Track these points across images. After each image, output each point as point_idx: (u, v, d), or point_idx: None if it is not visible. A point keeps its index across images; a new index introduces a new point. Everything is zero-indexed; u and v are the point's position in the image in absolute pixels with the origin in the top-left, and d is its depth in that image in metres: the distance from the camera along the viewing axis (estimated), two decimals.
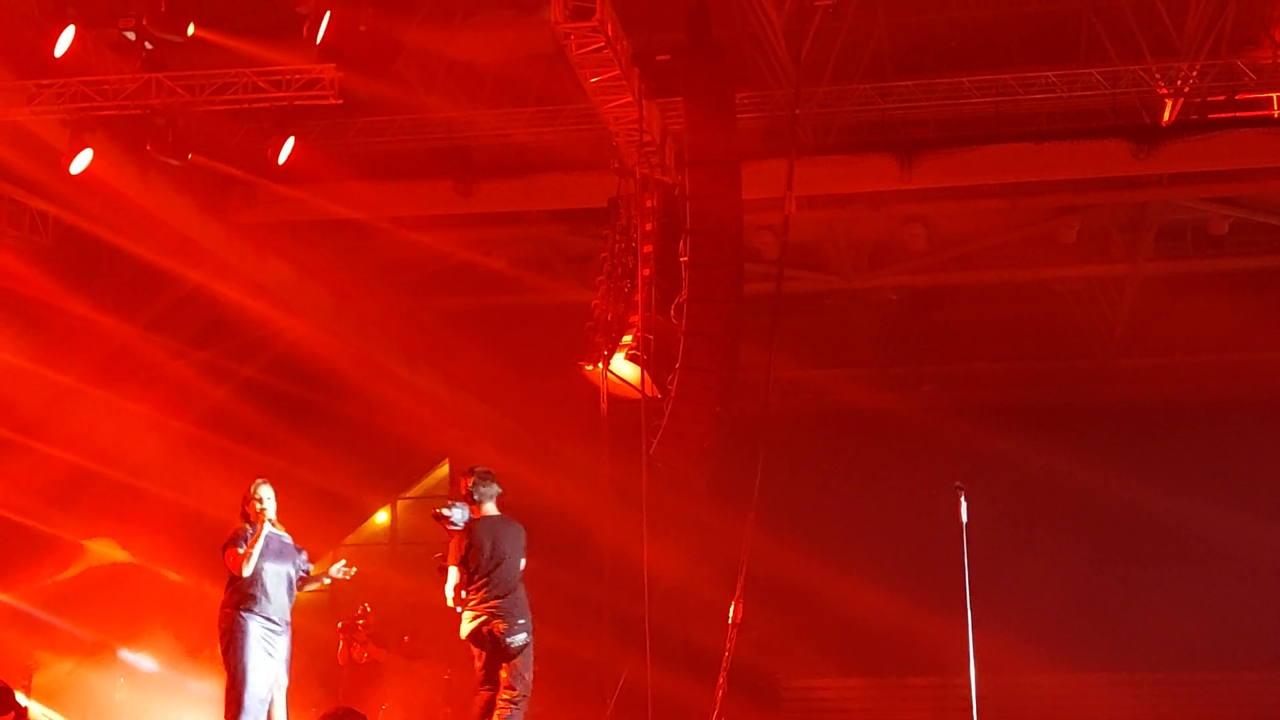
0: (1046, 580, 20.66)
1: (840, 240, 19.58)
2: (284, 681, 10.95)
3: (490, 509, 10.82)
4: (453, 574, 10.54)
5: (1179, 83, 15.84)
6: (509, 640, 10.50)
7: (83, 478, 18.04)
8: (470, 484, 10.82)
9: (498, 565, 10.58)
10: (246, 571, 10.70)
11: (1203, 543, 20.58)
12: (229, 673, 10.80)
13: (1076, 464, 20.45)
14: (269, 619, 10.76)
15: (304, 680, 13.26)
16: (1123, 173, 16.84)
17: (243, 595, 10.74)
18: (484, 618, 10.52)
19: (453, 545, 10.66)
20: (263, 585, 10.76)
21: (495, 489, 10.89)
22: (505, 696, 10.51)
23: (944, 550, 12.40)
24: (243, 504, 10.93)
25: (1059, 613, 20.51)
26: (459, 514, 10.91)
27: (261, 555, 10.70)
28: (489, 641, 10.53)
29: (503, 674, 10.56)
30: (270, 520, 10.79)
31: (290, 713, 11.32)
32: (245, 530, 10.85)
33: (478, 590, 10.54)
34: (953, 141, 16.82)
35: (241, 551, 10.72)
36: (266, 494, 10.92)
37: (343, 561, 11.26)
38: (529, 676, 10.62)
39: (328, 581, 11.29)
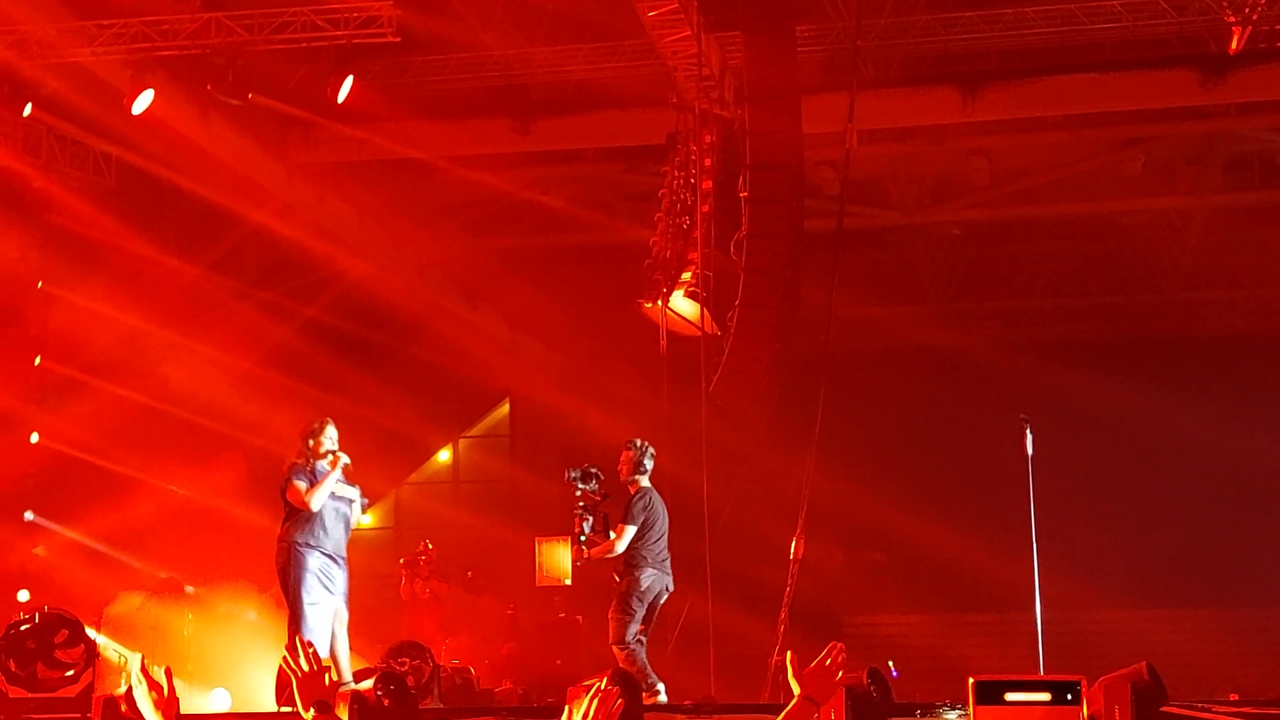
0: (1111, 515, 20.57)
1: (902, 175, 19.43)
2: (344, 615, 11.08)
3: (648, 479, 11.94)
4: (630, 531, 11.68)
5: (1247, 10, 15.53)
6: (669, 593, 12.00)
7: (151, 417, 18.23)
8: (639, 456, 11.87)
9: (665, 529, 11.90)
10: (315, 506, 10.82)
11: (1271, 476, 20.37)
12: (290, 606, 10.94)
13: (1142, 399, 20.26)
14: (327, 553, 10.89)
15: (367, 615, 13.40)
16: (1189, 103, 16.60)
17: (301, 530, 10.86)
18: (659, 573, 11.78)
19: (634, 505, 11.75)
20: (321, 520, 10.89)
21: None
22: (643, 637, 11.77)
23: (1007, 485, 12.36)
24: (302, 439, 11.03)
25: (1124, 548, 20.41)
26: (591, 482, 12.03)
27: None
28: (663, 594, 11.90)
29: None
30: (343, 458, 10.91)
31: (354, 646, 11.47)
32: (303, 465, 10.95)
33: (653, 548, 11.78)
34: (1016, 73, 16.62)
35: (305, 487, 10.82)
36: (332, 433, 11.04)
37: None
38: None
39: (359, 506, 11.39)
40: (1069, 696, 7.26)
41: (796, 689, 4.68)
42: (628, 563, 11.74)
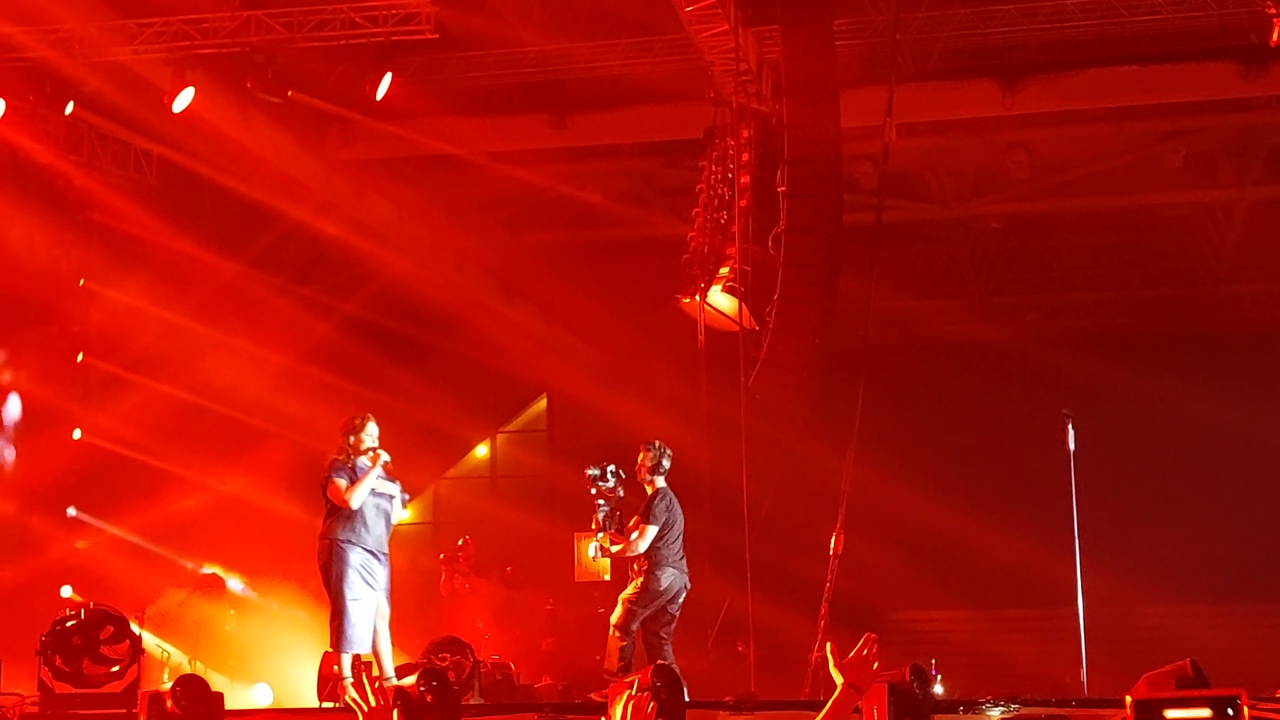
0: (1154, 510, 20.43)
1: (941, 168, 19.36)
2: (386, 611, 11.12)
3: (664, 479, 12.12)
4: (651, 531, 11.84)
5: None
6: (687, 590, 12.22)
7: (192, 413, 18.33)
8: (657, 457, 12.04)
9: (682, 529, 12.13)
10: (355, 504, 10.86)
11: None
12: (332, 603, 10.98)
13: (1183, 392, 20.13)
14: (368, 550, 10.93)
15: (407, 611, 13.46)
16: (1230, 95, 16.48)
17: (343, 526, 10.90)
18: (678, 572, 12.00)
19: (655, 505, 11.90)
20: (363, 517, 10.93)
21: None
22: (666, 633, 12.04)
23: (1048, 479, 12.31)
24: (342, 435, 11.07)
25: (1167, 543, 20.27)
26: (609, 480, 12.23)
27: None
28: (682, 592, 12.10)
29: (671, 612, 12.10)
30: (383, 456, 10.95)
31: (394, 642, 11.51)
32: (343, 462, 10.98)
33: (673, 547, 11.97)
34: (1056, 65, 16.52)
35: (345, 484, 10.86)
36: (373, 430, 11.08)
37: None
38: None
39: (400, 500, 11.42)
40: (1229, 711, 7.15)
41: (839, 678, 4.79)
42: (650, 561, 11.85)
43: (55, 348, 17.78)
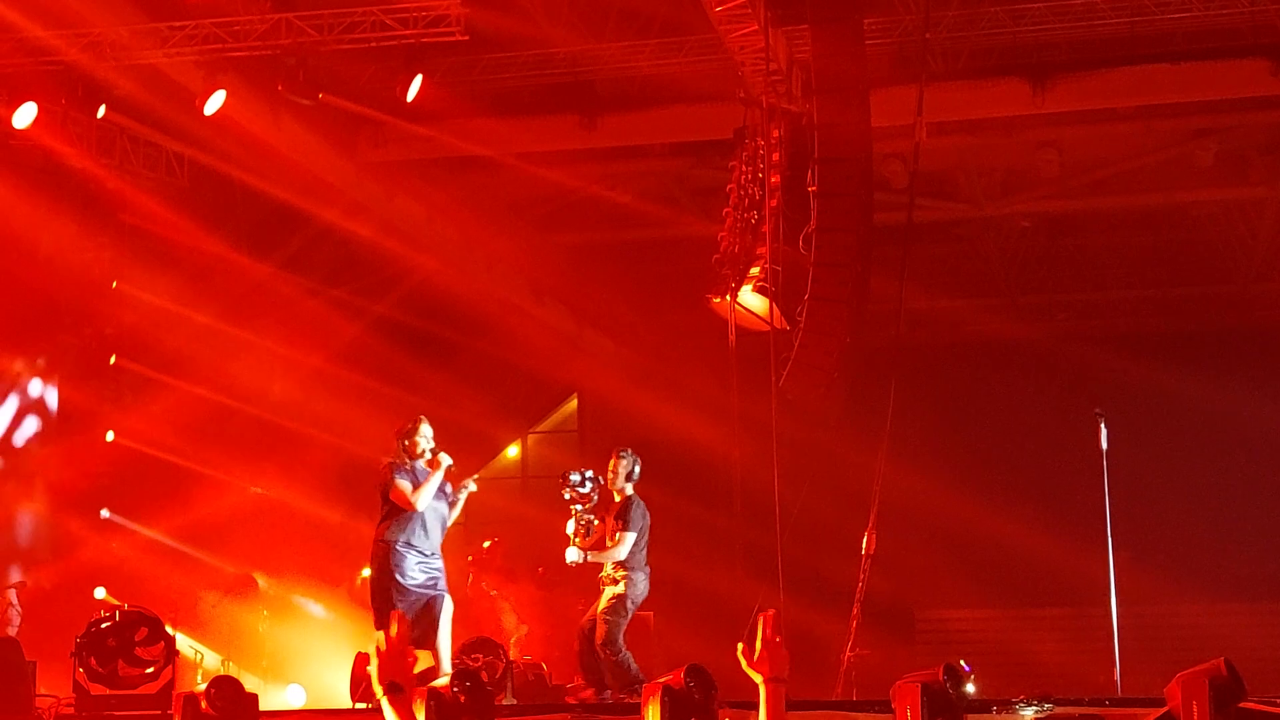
0: (1186, 508, 20.35)
1: (971, 167, 19.31)
2: (450, 607, 11.16)
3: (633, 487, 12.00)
4: (630, 538, 11.72)
5: None
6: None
7: (224, 415, 18.42)
8: (630, 465, 11.93)
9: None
10: (421, 506, 10.90)
11: None
12: (382, 606, 10.94)
13: (1216, 390, 20.05)
14: (426, 553, 10.97)
15: None
16: (1262, 92, 16.37)
17: (402, 530, 10.93)
18: (646, 579, 11.92)
19: (633, 512, 11.80)
20: (422, 521, 10.96)
21: None
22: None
23: (1080, 478, 12.28)
24: (397, 439, 11.09)
25: (1199, 541, 20.19)
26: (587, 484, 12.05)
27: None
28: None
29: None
30: (445, 460, 10.99)
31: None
32: (401, 464, 11.02)
33: (644, 553, 11.87)
34: (1086, 64, 16.47)
35: (409, 487, 10.89)
36: (427, 431, 11.13)
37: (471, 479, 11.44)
38: None
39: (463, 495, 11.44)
40: None
41: (757, 677, 4.68)
42: (628, 567, 11.79)
43: (88, 350, 17.90)
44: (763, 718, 4.56)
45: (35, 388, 17.92)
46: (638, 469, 11.97)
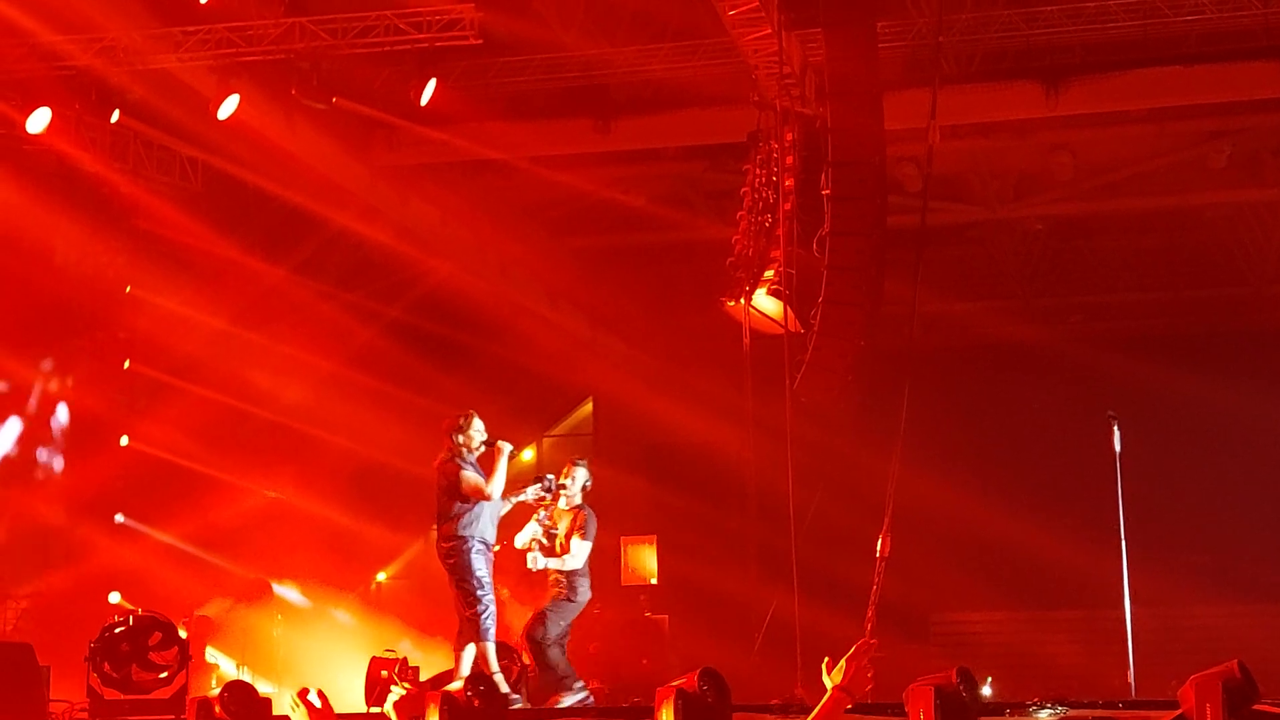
0: (1200, 511, 20.32)
1: (985, 170, 19.31)
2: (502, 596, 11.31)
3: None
4: (586, 546, 11.84)
5: None
6: None
7: (238, 419, 18.44)
8: (587, 475, 12.12)
9: None
10: (496, 494, 11.01)
11: None
12: (465, 597, 11.07)
13: (1230, 392, 20.00)
14: (490, 544, 11.12)
15: (451, 615, 13.46)
16: (1275, 94, 16.37)
17: (473, 524, 11.06)
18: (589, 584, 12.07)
19: (589, 522, 11.90)
20: (488, 513, 11.09)
21: None
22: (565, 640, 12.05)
23: (1093, 480, 12.25)
24: (449, 435, 11.16)
25: (1213, 543, 20.16)
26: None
27: None
28: None
29: None
30: (506, 446, 11.07)
31: (438, 647, 11.58)
32: (460, 456, 11.09)
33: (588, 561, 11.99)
34: (1099, 66, 16.47)
35: (480, 479, 10.99)
36: (479, 424, 11.24)
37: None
38: None
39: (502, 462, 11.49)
40: None
41: (829, 683, 4.88)
42: (576, 574, 11.91)
43: (102, 355, 17.93)
44: (814, 714, 4.65)
45: (49, 393, 17.95)
46: (589, 481, 12.17)
